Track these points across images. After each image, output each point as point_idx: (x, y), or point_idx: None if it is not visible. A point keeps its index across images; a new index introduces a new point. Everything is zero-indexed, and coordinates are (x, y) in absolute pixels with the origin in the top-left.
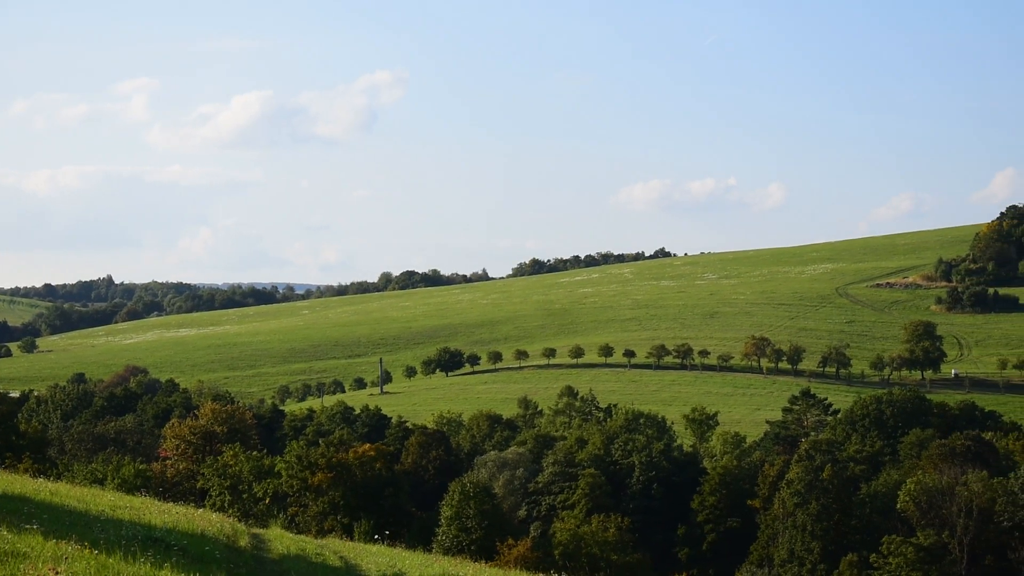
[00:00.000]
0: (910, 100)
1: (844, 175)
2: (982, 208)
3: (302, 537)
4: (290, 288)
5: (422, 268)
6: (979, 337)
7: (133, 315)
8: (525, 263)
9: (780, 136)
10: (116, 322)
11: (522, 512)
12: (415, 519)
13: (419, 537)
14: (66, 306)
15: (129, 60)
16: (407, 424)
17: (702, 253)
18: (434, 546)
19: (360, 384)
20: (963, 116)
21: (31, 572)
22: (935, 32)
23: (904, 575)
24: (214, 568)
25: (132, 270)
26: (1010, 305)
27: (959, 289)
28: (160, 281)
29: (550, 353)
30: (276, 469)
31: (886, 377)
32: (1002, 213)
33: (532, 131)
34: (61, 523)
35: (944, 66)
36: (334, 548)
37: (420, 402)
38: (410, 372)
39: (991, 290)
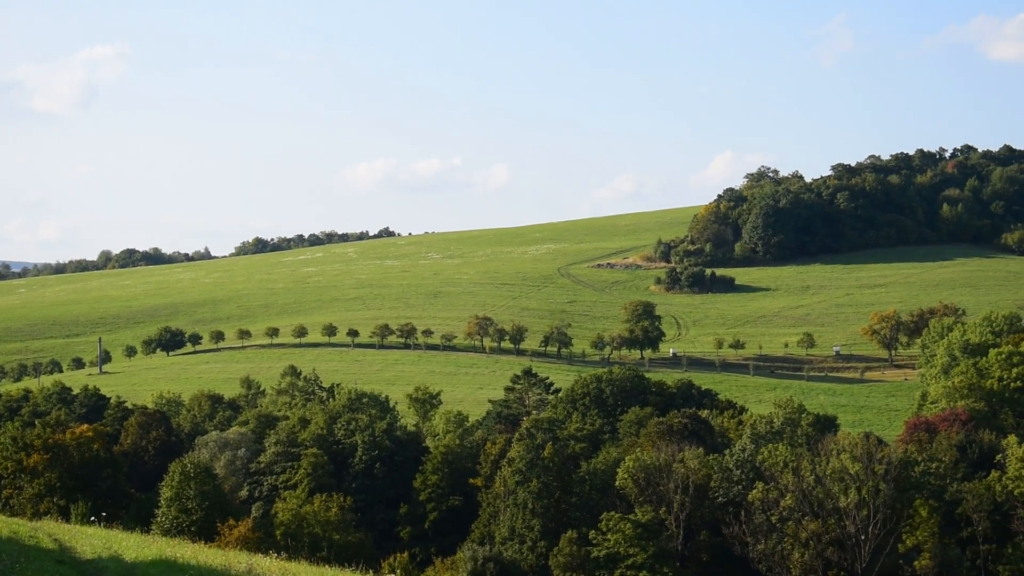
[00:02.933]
0: (632, 83)
1: (567, 157)
2: (701, 190)
3: (15, 520)
4: (6, 266)
5: (144, 246)
6: (696, 317)
7: None
8: (248, 242)
9: (504, 118)
10: None
11: (244, 492)
12: (134, 500)
13: (138, 518)
14: None
15: None
16: (126, 405)
17: (426, 233)
18: (153, 527)
19: (79, 364)
20: (684, 100)
21: None
22: (657, 19)
23: (622, 551)
24: None
25: None
26: (726, 286)
27: (678, 270)
28: None
29: (273, 332)
30: None
31: (606, 356)
32: (719, 195)
33: (257, 109)
34: None
35: (665, 52)
36: (48, 530)
37: (140, 382)
38: (130, 352)
39: (708, 271)
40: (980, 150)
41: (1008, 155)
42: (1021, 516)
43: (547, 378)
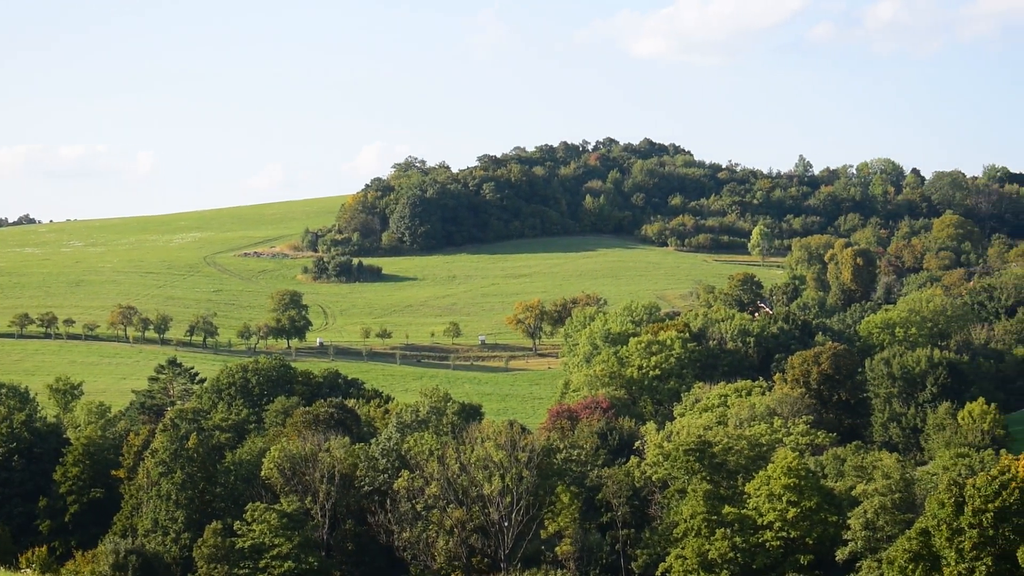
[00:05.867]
0: (283, 71)
1: (215, 145)
2: (351, 180)
3: None
4: None
5: None
6: (344, 307)
7: None
8: None
9: (151, 103)
10: None
11: None
12: None
13: None
14: None
15: None
16: None
17: (69, 220)
18: None
19: None
20: (335, 87)
21: None
22: (303, 4)
23: (267, 542)
24: None
25: None
26: (374, 275)
27: (325, 259)
28: None
29: None
30: None
31: (253, 346)
32: (367, 185)
33: None
34: None
35: (315, 40)
36: None
37: None
38: None
39: (356, 260)
40: (622, 143)
41: (648, 148)
42: (658, 501)
43: (192, 368)
